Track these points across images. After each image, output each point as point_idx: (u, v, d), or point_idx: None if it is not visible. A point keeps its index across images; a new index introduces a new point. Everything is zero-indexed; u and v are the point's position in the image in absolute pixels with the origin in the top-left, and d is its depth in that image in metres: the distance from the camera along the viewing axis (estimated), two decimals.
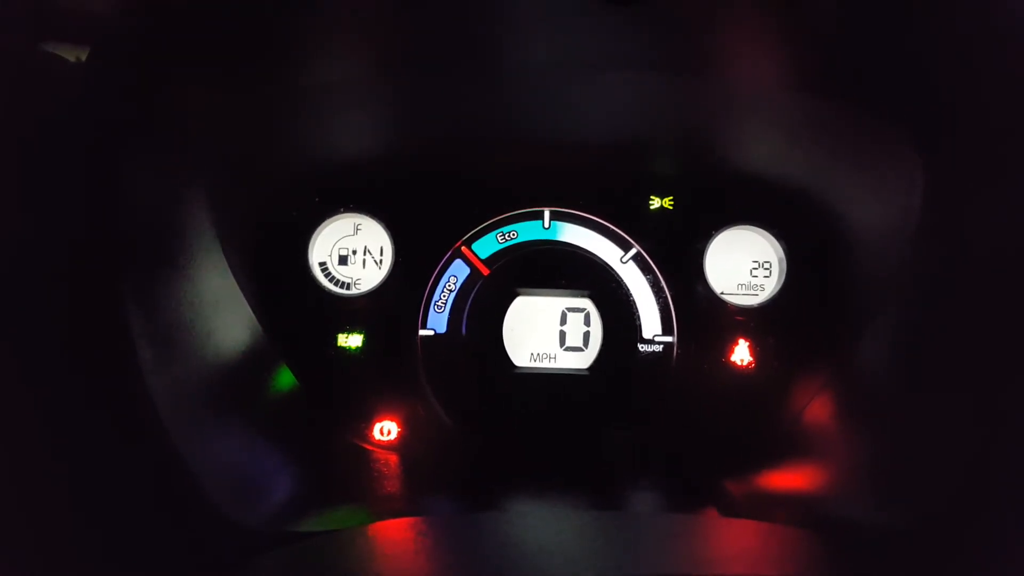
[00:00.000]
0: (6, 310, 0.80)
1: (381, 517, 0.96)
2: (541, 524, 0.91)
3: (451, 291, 1.37)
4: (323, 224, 1.35)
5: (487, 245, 1.38)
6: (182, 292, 0.99)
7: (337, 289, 1.34)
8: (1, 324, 0.80)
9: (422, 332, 1.36)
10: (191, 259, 1.03)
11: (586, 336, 1.37)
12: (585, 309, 1.37)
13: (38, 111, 0.83)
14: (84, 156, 0.84)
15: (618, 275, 1.37)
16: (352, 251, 1.37)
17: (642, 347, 1.36)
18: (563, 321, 1.37)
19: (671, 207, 1.39)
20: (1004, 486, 0.79)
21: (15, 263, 0.81)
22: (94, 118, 0.85)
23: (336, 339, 1.34)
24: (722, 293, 1.34)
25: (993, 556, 0.78)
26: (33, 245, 0.81)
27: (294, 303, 1.32)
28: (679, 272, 1.37)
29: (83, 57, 0.82)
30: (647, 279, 1.37)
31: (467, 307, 1.36)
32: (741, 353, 1.35)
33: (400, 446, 1.34)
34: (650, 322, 1.36)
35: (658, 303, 1.37)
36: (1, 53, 0.80)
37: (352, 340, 1.35)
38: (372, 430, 1.34)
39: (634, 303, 1.37)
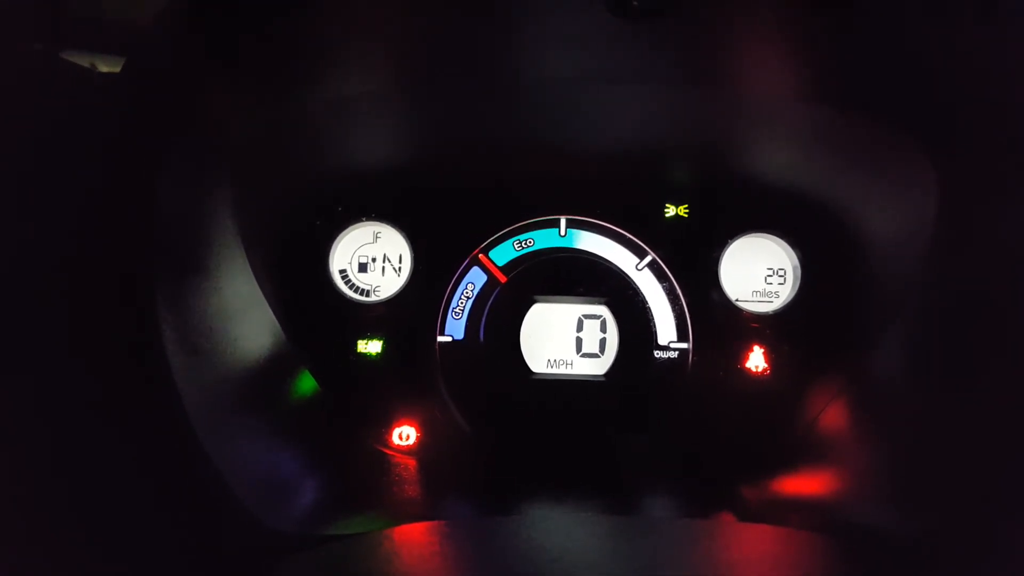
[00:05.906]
0: (41, 316, 0.83)
1: (401, 521, 0.97)
2: (560, 528, 0.91)
3: (469, 298, 1.38)
4: (343, 232, 1.37)
5: (504, 253, 1.39)
6: (210, 299, 1.01)
7: (357, 296, 1.37)
8: (35, 331, 0.82)
9: (440, 338, 1.37)
10: (218, 267, 1.05)
11: (602, 343, 1.38)
12: (601, 316, 1.39)
13: (76, 121, 0.85)
14: (120, 166, 0.87)
15: (634, 282, 1.38)
16: (372, 259, 1.39)
17: (658, 354, 1.37)
18: (579, 328, 1.38)
19: (686, 215, 1.40)
20: (1019, 492, 0.80)
21: (54, 270, 0.83)
22: (130, 128, 0.87)
23: (356, 345, 1.36)
24: (737, 300, 1.35)
25: (1008, 561, 0.78)
26: (71, 253, 0.84)
27: (315, 310, 1.34)
28: (694, 279, 1.38)
29: (120, 68, 0.84)
30: (663, 286, 1.38)
31: (485, 314, 1.37)
32: (756, 360, 1.36)
33: (418, 451, 1.36)
34: (665, 329, 1.38)
35: (673, 310, 1.38)
36: (41, 64, 0.83)
37: (371, 346, 1.36)
38: (391, 435, 1.36)
39: (650, 310, 1.38)
